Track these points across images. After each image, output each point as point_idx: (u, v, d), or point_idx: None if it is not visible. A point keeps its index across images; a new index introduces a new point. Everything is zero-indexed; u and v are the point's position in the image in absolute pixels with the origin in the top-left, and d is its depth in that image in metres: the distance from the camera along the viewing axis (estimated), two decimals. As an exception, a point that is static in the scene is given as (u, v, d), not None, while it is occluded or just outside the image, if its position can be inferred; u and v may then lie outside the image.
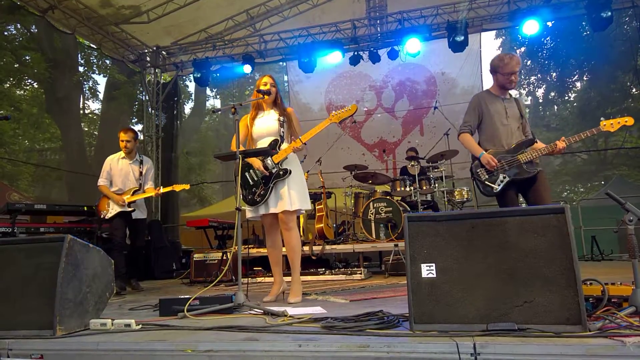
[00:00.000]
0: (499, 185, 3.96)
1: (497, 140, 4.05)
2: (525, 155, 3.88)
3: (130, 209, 5.85)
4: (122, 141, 5.98)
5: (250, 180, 3.90)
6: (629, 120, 3.57)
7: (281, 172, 3.80)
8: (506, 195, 3.96)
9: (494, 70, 4.12)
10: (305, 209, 3.95)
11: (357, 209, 7.65)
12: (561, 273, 2.07)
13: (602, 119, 4.16)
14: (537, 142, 4.04)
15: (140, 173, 6.02)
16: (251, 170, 3.91)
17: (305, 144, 3.81)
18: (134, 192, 5.88)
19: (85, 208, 6.85)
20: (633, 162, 20.96)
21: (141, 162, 6.08)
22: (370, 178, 7.97)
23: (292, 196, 3.79)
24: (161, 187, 6.02)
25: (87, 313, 2.71)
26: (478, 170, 4.08)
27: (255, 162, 3.87)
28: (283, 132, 3.94)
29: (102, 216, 5.89)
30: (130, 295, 5.29)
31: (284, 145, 3.89)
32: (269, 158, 3.84)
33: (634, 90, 20.41)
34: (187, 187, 6.07)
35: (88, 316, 2.71)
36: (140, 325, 2.63)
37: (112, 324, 2.61)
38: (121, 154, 6.06)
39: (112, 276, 2.98)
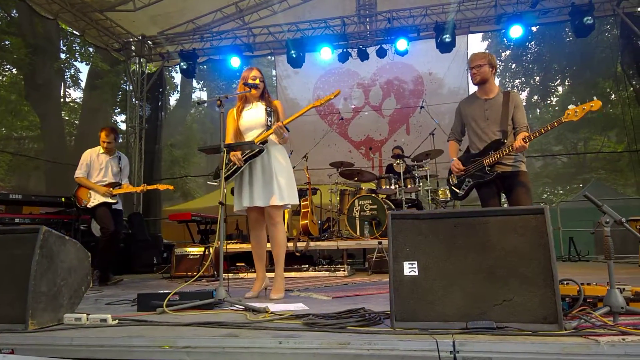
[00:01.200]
0: (463, 190, 4.12)
1: (475, 143, 4.08)
2: (489, 159, 3.88)
3: (114, 201, 5.89)
4: (104, 142, 6.01)
5: (227, 159, 3.80)
6: (595, 105, 3.29)
7: (254, 148, 3.69)
8: (480, 194, 4.07)
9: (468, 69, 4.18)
10: (292, 203, 3.90)
11: (342, 206, 7.67)
12: (539, 272, 2.10)
13: (569, 106, 4.13)
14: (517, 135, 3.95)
15: (120, 169, 6.11)
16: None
17: (288, 130, 3.76)
18: (113, 187, 5.94)
19: (63, 199, 6.72)
20: (610, 166, 21.36)
21: (119, 159, 6.16)
22: (356, 175, 7.98)
23: (279, 191, 3.74)
24: (145, 184, 6.10)
25: (61, 307, 2.63)
26: (449, 177, 4.28)
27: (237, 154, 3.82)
28: (270, 121, 3.89)
29: (83, 205, 5.82)
30: (108, 290, 5.18)
31: (271, 137, 3.83)
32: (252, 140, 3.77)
33: (613, 96, 20.77)
34: (171, 187, 6.16)
35: (62, 310, 2.63)
36: (117, 321, 2.56)
37: (87, 318, 2.53)
38: (100, 149, 6.07)
39: (88, 270, 2.90)
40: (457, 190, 4.17)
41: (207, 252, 6.59)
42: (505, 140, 3.83)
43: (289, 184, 3.84)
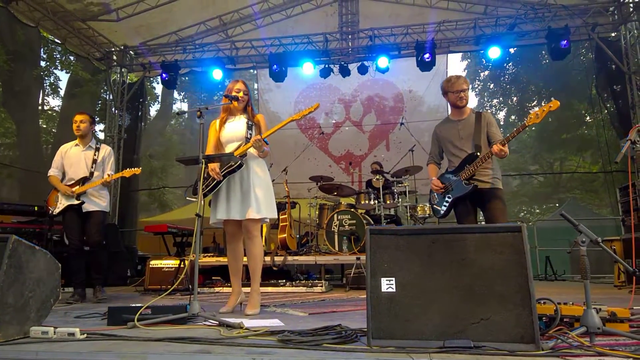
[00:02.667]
0: (444, 207, 4.15)
1: (452, 162, 4.17)
2: (465, 172, 3.95)
3: (77, 202, 5.14)
4: (75, 122, 5.39)
5: (206, 173, 3.76)
6: (554, 104, 3.40)
7: (233, 165, 3.68)
8: (456, 211, 4.11)
9: (444, 92, 4.20)
10: (270, 217, 3.88)
11: (321, 221, 7.64)
12: (517, 291, 2.11)
13: (530, 111, 4.30)
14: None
15: (94, 161, 5.33)
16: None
17: (267, 143, 3.74)
18: (84, 182, 5.22)
19: (36, 208, 6.56)
20: (585, 186, 21.76)
21: (97, 150, 5.41)
22: (335, 190, 7.98)
23: (257, 205, 3.71)
24: (110, 173, 5.33)
25: (28, 320, 2.55)
26: (431, 195, 4.32)
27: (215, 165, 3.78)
28: (250, 134, 3.86)
29: (50, 212, 5.28)
30: (79, 303, 4.98)
31: (251, 150, 3.80)
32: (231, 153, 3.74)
33: (588, 118, 21.28)
34: (137, 171, 5.36)
35: (29, 323, 2.55)
36: (85, 335, 2.49)
37: (54, 332, 2.46)
38: (75, 142, 5.47)
39: (58, 281, 2.82)
40: (439, 208, 4.22)
41: (182, 265, 6.48)
42: (479, 154, 3.90)
43: (267, 197, 3.81)
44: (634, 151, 2.90)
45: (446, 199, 4.13)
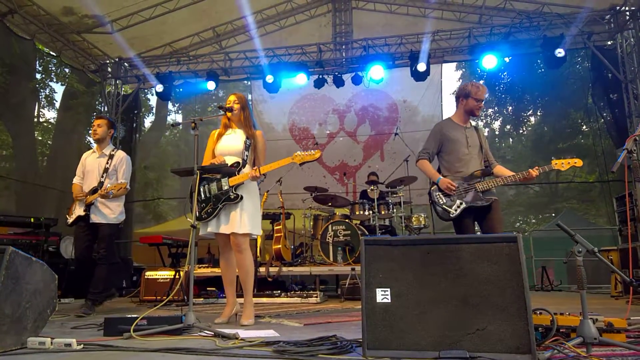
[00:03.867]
0: (456, 210, 3.97)
1: (457, 167, 4.10)
2: (483, 184, 3.96)
3: (83, 212, 4.92)
4: (92, 126, 5.25)
5: (202, 195, 3.82)
6: (578, 162, 3.79)
7: (232, 196, 3.74)
8: (463, 221, 3.99)
9: (466, 95, 4.14)
10: (255, 234, 3.89)
11: (315, 231, 7.62)
12: (512, 301, 2.10)
13: (552, 158, 4.43)
14: (498, 169, 4.14)
15: (106, 169, 5.07)
16: (205, 186, 3.82)
17: (264, 175, 3.79)
18: (94, 192, 4.96)
19: (32, 219, 6.54)
20: (582, 196, 21.82)
21: (110, 157, 5.15)
22: (330, 200, 7.97)
23: (242, 219, 3.74)
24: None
25: (25, 330, 2.57)
26: (436, 194, 4.10)
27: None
28: (247, 155, 3.91)
29: (67, 222, 5.10)
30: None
31: (245, 170, 3.84)
32: (226, 179, 3.77)
33: (584, 127, 21.38)
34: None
35: (26, 334, 2.57)
36: (82, 345, 2.50)
37: (51, 343, 2.48)
38: (94, 148, 5.30)
39: (54, 292, 2.83)
40: (450, 210, 3.99)
41: (177, 276, 6.45)
42: (494, 171, 4.01)
43: (253, 214, 3.85)
44: (630, 160, 2.91)
45: (458, 202, 3.98)
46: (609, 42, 10.07)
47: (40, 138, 21.18)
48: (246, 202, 3.79)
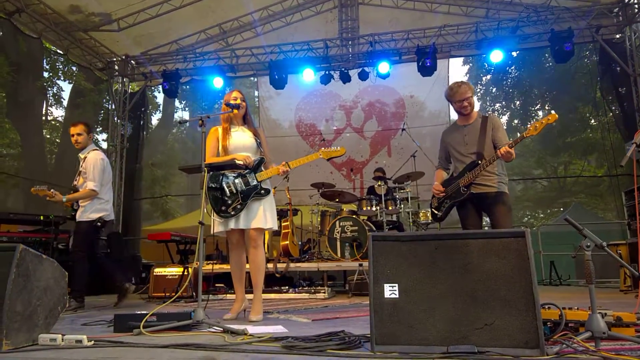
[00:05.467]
0: (441, 211, 4.27)
1: (457, 168, 4.21)
2: (464, 179, 3.99)
3: (72, 213, 5.19)
4: (72, 135, 5.27)
5: (227, 192, 3.77)
6: (551, 117, 3.53)
7: (262, 191, 3.78)
8: (460, 214, 4.17)
9: (448, 100, 4.24)
10: (273, 227, 3.95)
11: (323, 227, 7.63)
12: (521, 296, 2.10)
13: (528, 124, 4.38)
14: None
15: (79, 172, 5.20)
16: (230, 182, 3.79)
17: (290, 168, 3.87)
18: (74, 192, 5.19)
19: (42, 217, 6.59)
20: (590, 190, 21.69)
21: (84, 160, 5.20)
22: (337, 196, 7.98)
23: (266, 215, 3.79)
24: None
25: (36, 327, 2.59)
26: (431, 200, 4.41)
27: (239, 156, 3.83)
28: (262, 151, 4.01)
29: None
30: (85, 310, 5.00)
31: (268, 166, 3.91)
32: (252, 174, 3.80)
33: (592, 121, 21.22)
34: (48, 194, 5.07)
35: (37, 331, 2.59)
36: (93, 342, 2.52)
37: (62, 339, 2.50)
38: None
39: (65, 289, 2.86)
40: (437, 212, 4.32)
41: (186, 273, 6.49)
42: (480, 162, 3.93)
43: (273, 209, 3.93)
44: (639, 154, 2.89)
45: (444, 203, 4.23)
46: (618, 36, 9.96)
47: (48, 136, 21.33)
48: (269, 197, 3.87)
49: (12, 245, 2.54)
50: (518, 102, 26.19)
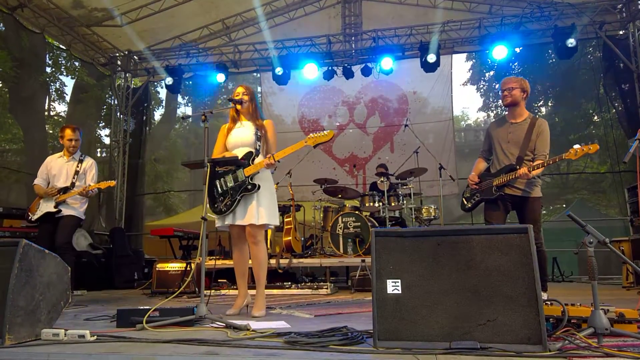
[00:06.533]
0: (470, 203, 4.33)
1: (495, 163, 4.24)
2: (499, 180, 4.04)
3: (55, 209, 5.33)
4: (70, 140, 5.55)
5: (219, 189, 3.84)
6: (593, 148, 3.55)
7: (249, 187, 3.75)
8: (486, 211, 4.20)
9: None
10: (273, 224, 3.92)
11: (325, 223, 7.63)
12: (523, 292, 2.10)
13: (574, 146, 4.38)
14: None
15: (77, 172, 5.51)
16: (221, 179, 3.84)
17: (278, 161, 3.79)
18: (65, 191, 5.40)
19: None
20: (593, 186, 21.60)
21: (80, 161, 5.59)
22: (339, 192, 7.97)
23: (260, 211, 3.76)
24: (90, 183, 5.42)
25: (39, 322, 2.60)
26: (465, 189, 4.45)
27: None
28: (259, 145, 3.94)
29: (29, 218, 5.46)
30: (88, 305, 5.05)
31: (258, 159, 3.85)
32: (240, 170, 3.78)
33: (595, 117, 21.13)
34: (112, 184, 5.45)
35: (40, 325, 2.60)
36: (95, 337, 2.53)
37: (65, 334, 2.51)
38: (61, 153, 5.68)
39: (68, 284, 2.87)
40: (466, 202, 4.39)
41: (188, 268, 6.50)
42: (519, 167, 3.96)
43: (270, 204, 3.87)
44: (642, 151, 2.89)
45: (475, 196, 4.28)
46: (621, 32, 9.89)
47: (51, 132, 21.32)
48: (262, 192, 3.80)
49: (15, 240, 2.54)
50: (521, 99, 26.07)
